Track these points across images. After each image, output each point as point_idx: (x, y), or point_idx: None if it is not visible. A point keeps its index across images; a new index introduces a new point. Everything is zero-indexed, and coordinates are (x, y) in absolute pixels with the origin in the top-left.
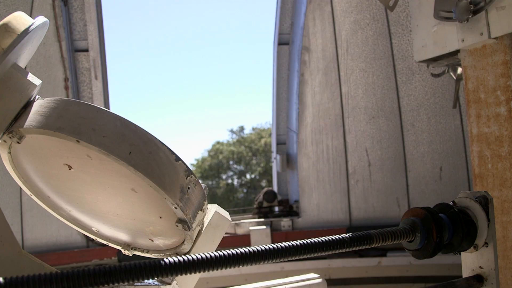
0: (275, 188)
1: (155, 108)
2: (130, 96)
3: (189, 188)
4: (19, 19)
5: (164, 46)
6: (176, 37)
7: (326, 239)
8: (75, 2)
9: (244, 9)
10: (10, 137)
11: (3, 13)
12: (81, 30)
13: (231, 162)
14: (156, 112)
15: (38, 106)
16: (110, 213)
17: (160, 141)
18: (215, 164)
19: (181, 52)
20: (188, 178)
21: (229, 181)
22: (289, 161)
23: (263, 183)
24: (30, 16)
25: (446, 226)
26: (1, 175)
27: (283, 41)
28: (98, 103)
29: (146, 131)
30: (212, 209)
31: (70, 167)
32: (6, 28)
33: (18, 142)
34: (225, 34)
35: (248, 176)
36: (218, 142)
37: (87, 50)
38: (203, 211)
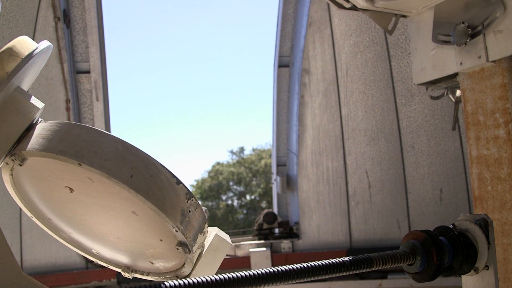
0: (275, 210)
1: (154, 127)
2: (129, 114)
3: (189, 211)
4: (24, 43)
5: (164, 67)
6: (176, 58)
7: (327, 262)
8: (78, 24)
9: (244, 29)
10: (13, 160)
11: (6, 35)
12: (83, 52)
13: (231, 183)
14: (156, 131)
15: (41, 129)
16: (110, 236)
17: (161, 164)
18: (215, 185)
19: (181, 73)
20: (189, 201)
21: (229, 202)
22: (289, 182)
23: (263, 204)
24: (33, 37)
25: (446, 249)
26: (1, 196)
27: (283, 64)
28: (99, 125)
29: (147, 154)
30: (213, 232)
31: (71, 190)
32: (11, 52)
33: (20, 165)
34: (226, 54)
35: (248, 197)
36: (218, 163)
37: (88, 72)
38: (204, 234)
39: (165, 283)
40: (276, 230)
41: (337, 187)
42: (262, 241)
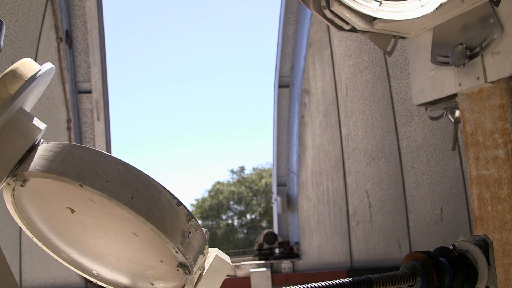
0: (275, 230)
1: (155, 146)
2: (129, 132)
3: (190, 232)
4: (27, 66)
5: (165, 86)
6: (177, 77)
7: (327, 283)
8: (80, 45)
9: (245, 48)
10: (14, 180)
11: (9, 55)
12: (84, 72)
13: (231, 203)
14: (156, 149)
15: (43, 150)
16: (111, 256)
17: (162, 185)
18: (215, 204)
19: (182, 92)
20: (189, 222)
21: (229, 221)
22: (289, 202)
23: (264, 223)
24: (35, 57)
25: (446, 270)
26: (1, 215)
27: (283, 84)
28: (100, 144)
29: (148, 175)
30: (213, 253)
31: (72, 211)
32: (14, 74)
33: (22, 186)
34: (226, 73)
35: (248, 216)
36: (218, 182)
37: (90, 92)
38: (204, 255)
39: None
40: (277, 250)
41: (337, 207)
42: (263, 261)
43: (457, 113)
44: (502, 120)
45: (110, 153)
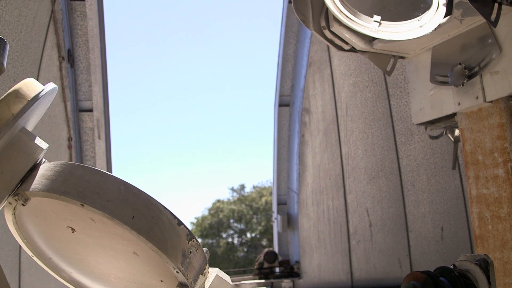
0: (276, 248)
1: (155, 164)
2: (130, 150)
3: (190, 252)
4: (30, 86)
5: (165, 105)
6: (177, 96)
7: None
8: (81, 64)
9: (246, 67)
10: (16, 199)
11: (11, 74)
12: (86, 91)
13: (231, 221)
14: (156, 167)
15: (44, 169)
16: (111, 276)
17: (163, 205)
18: (216, 222)
19: (182, 110)
20: (190, 242)
21: (230, 240)
22: (289, 221)
23: (264, 242)
24: (37, 76)
25: None
26: (1, 233)
27: (283, 103)
28: (101, 162)
29: (149, 195)
30: (213, 272)
31: (73, 230)
32: (17, 94)
33: (23, 205)
34: (227, 91)
35: (248, 235)
36: (218, 200)
37: (91, 110)
38: (204, 275)
39: None
40: (277, 269)
41: (337, 225)
42: (263, 280)
43: (457, 132)
44: (502, 139)
45: (111, 172)
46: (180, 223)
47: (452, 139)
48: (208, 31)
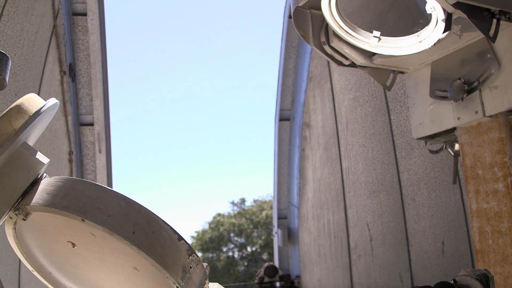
0: (276, 263)
1: (156, 177)
2: (130, 164)
3: (191, 267)
4: (31, 101)
5: (165, 119)
6: (177, 110)
7: None
8: (83, 78)
9: (246, 81)
10: (16, 214)
11: (13, 88)
12: (87, 105)
13: (232, 235)
14: (157, 181)
15: (45, 184)
16: None
17: (163, 220)
18: (216, 236)
19: (183, 124)
20: (190, 257)
21: (230, 253)
22: (290, 235)
23: (265, 256)
24: (39, 90)
25: None
26: (0, 248)
27: (284, 117)
28: (101, 176)
29: (150, 210)
30: (213, 287)
31: (73, 245)
32: (19, 109)
33: (24, 219)
34: (227, 105)
35: (249, 249)
36: (219, 214)
37: (92, 124)
38: None
39: None
40: (278, 284)
41: (338, 240)
42: None
43: (457, 146)
44: (501, 153)
45: (111, 186)
46: (180, 238)
47: (452, 154)
48: (208, 45)
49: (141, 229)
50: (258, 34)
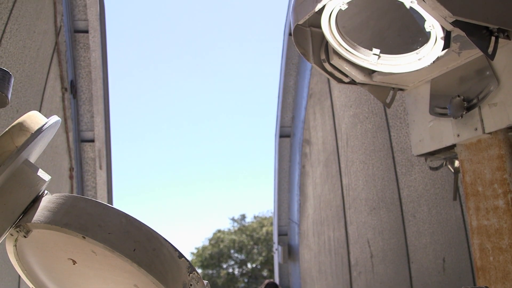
0: (276, 280)
1: (156, 193)
2: (130, 180)
3: (191, 285)
4: (34, 118)
5: (166, 135)
6: (178, 126)
7: None
8: (84, 95)
9: (246, 97)
10: (17, 231)
11: (14, 104)
12: (88, 121)
13: (232, 251)
14: (157, 197)
15: (47, 201)
16: None
17: (164, 238)
18: (216, 253)
19: (183, 140)
20: (191, 274)
21: (230, 270)
22: (290, 252)
23: (265, 272)
24: (40, 107)
25: None
26: (0, 264)
27: (284, 134)
28: (102, 193)
29: (150, 228)
30: None
31: (74, 262)
32: (21, 127)
33: (25, 236)
34: (228, 121)
35: (249, 265)
36: (219, 231)
37: (93, 141)
38: None
39: None
40: None
41: (339, 257)
42: None
43: (457, 163)
44: (501, 170)
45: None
46: (181, 255)
47: (452, 170)
48: (209, 61)
49: (141, 247)
50: (259, 51)
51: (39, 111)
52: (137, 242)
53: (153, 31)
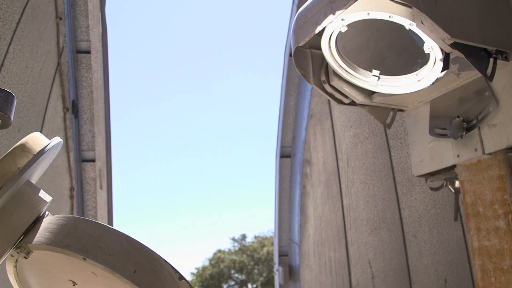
0: None
1: (157, 213)
2: (131, 200)
3: None
4: (36, 140)
5: (166, 155)
6: (179, 147)
7: None
8: (85, 114)
9: (247, 118)
10: (18, 252)
11: (16, 124)
12: (89, 141)
13: (232, 271)
14: (158, 217)
15: (47, 222)
16: None
17: (164, 259)
18: (216, 273)
19: (184, 161)
20: None
21: None
22: (291, 273)
23: None
24: (41, 127)
25: None
26: (0, 285)
27: (285, 154)
28: (102, 213)
29: (151, 249)
30: None
31: (74, 283)
32: (23, 148)
33: (25, 257)
34: (229, 142)
35: (250, 286)
36: (219, 251)
37: (94, 161)
38: None
39: None
40: None
41: (340, 277)
42: None
43: (457, 183)
44: (501, 191)
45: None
46: (181, 277)
47: (453, 191)
48: (210, 82)
49: (142, 268)
50: (259, 72)
51: (41, 131)
52: (138, 264)
53: (154, 54)
